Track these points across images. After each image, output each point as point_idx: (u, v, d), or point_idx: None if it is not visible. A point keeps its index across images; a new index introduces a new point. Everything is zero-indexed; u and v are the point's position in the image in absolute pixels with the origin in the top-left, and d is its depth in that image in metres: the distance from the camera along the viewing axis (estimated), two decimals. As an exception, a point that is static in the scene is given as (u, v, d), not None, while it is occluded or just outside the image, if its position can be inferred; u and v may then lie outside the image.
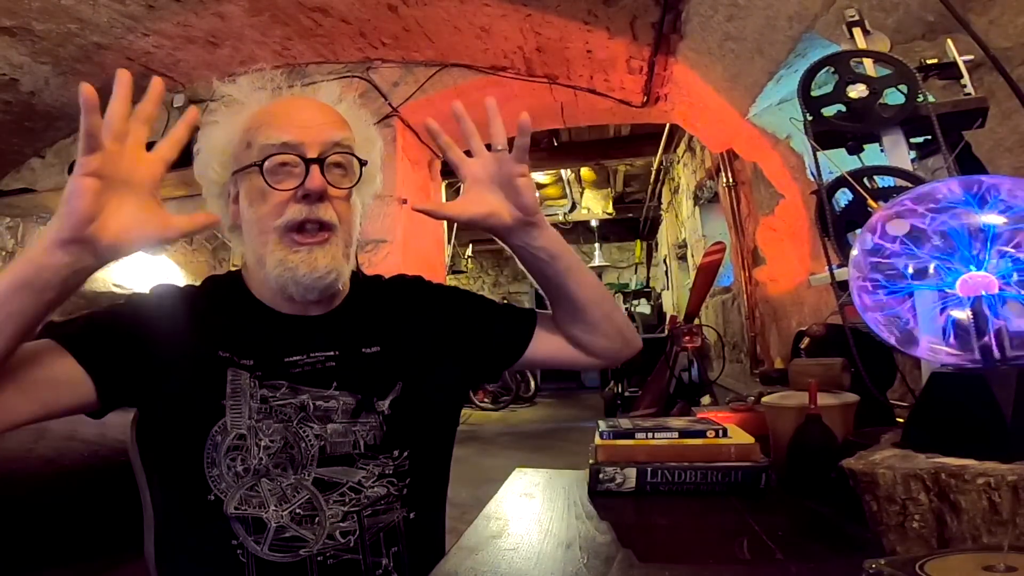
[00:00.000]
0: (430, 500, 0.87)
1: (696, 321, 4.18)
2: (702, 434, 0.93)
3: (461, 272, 9.99)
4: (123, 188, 0.63)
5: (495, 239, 0.87)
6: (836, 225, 0.90)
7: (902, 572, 0.42)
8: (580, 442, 1.03)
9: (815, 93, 0.96)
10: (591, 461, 0.93)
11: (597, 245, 9.97)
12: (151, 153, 0.66)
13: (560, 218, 7.81)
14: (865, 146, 0.96)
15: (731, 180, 3.87)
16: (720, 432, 0.93)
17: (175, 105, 3.32)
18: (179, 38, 2.89)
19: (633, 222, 9.36)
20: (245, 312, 0.84)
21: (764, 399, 1.06)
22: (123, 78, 0.62)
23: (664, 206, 7.61)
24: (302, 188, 0.77)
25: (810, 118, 0.95)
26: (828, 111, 0.96)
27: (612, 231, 10.07)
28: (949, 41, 0.99)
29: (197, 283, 0.89)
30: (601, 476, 0.90)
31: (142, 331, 0.77)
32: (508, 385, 7.57)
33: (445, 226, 4.32)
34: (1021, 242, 0.60)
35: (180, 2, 2.63)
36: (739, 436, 0.94)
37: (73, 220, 0.60)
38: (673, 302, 7.44)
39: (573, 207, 7.84)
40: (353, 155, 0.83)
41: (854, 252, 0.70)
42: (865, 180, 0.91)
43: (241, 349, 0.79)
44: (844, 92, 0.95)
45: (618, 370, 6.63)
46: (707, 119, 3.21)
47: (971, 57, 0.97)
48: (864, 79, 0.95)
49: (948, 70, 0.97)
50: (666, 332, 5.42)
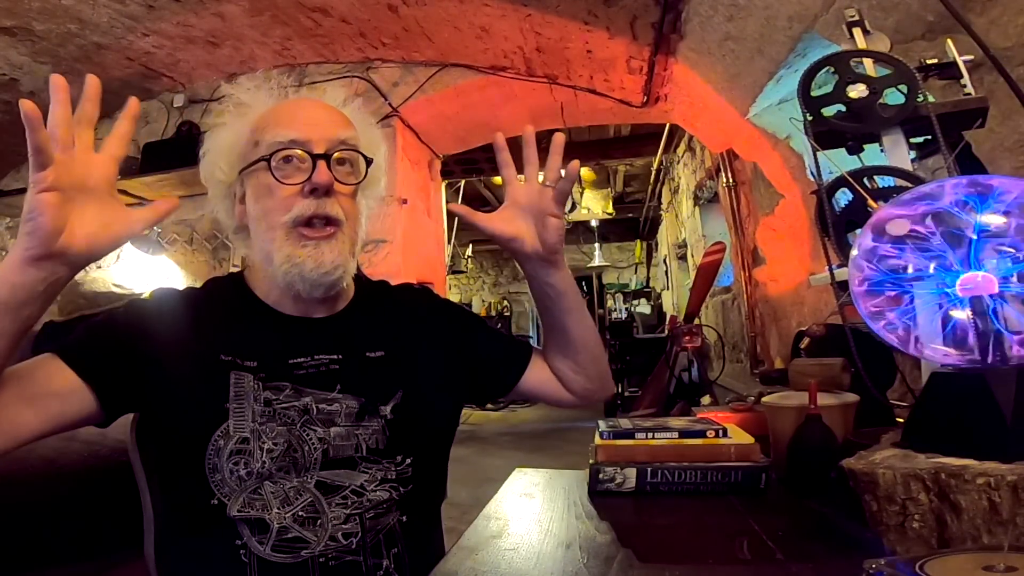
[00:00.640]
0: (427, 504, 0.87)
1: (696, 321, 4.18)
2: (702, 434, 0.93)
3: (461, 272, 9.96)
4: (81, 195, 0.63)
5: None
6: (836, 225, 0.90)
7: (902, 572, 0.42)
8: (580, 442, 1.03)
9: (815, 93, 0.96)
10: (591, 461, 0.93)
11: (597, 245, 9.96)
12: (100, 154, 0.65)
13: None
14: (865, 146, 0.96)
15: (731, 180, 3.86)
16: (720, 432, 0.93)
17: (175, 105, 3.32)
18: (179, 38, 2.89)
19: (633, 222, 9.36)
20: (249, 314, 0.84)
21: (764, 399, 1.06)
22: (58, 83, 0.61)
23: (664, 206, 7.61)
24: (309, 183, 0.78)
25: (810, 118, 0.95)
26: (828, 111, 0.96)
27: (612, 231, 10.07)
28: (949, 41, 0.99)
29: (198, 284, 0.89)
30: (601, 476, 0.90)
31: (142, 338, 0.77)
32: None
33: (445, 226, 4.32)
34: (1021, 242, 0.60)
35: (180, 2, 2.63)
36: (739, 436, 0.94)
37: (40, 236, 0.60)
38: (673, 302, 7.44)
39: (573, 207, 7.83)
40: (359, 152, 0.84)
41: (854, 252, 0.70)
42: (865, 180, 0.91)
43: (244, 351, 0.79)
44: (844, 92, 0.95)
45: (618, 370, 6.63)
46: (707, 119, 3.21)
47: (971, 57, 0.97)
48: (864, 79, 0.95)
49: (948, 70, 0.97)
50: (666, 332, 5.43)
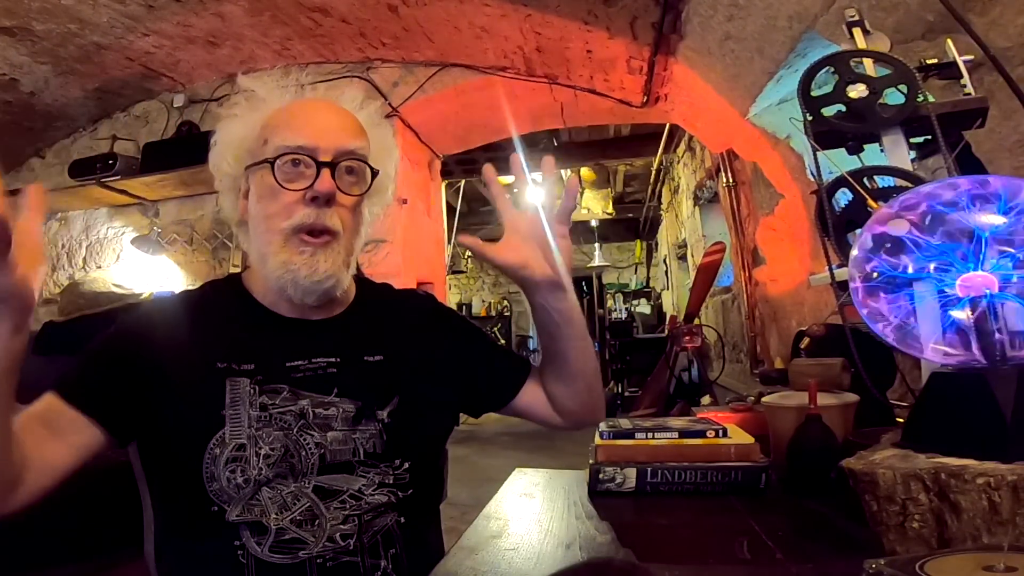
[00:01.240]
0: (426, 506, 0.87)
1: (696, 321, 4.18)
2: (702, 434, 0.93)
3: (461, 272, 9.96)
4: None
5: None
6: (836, 225, 0.90)
7: (902, 572, 0.42)
8: (580, 442, 1.03)
9: (815, 93, 0.96)
10: (591, 461, 0.93)
11: (597, 245, 9.93)
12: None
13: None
14: (865, 146, 0.96)
15: (731, 180, 3.86)
16: (720, 432, 0.93)
17: (175, 105, 3.31)
18: (179, 38, 2.89)
19: (633, 222, 9.36)
20: (246, 316, 0.84)
21: (764, 399, 1.06)
22: None
23: (664, 206, 7.61)
24: (311, 190, 0.77)
25: (810, 118, 0.95)
26: (828, 111, 0.96)
27: (612, 231, 10.06)
28: (949, 41, 0.99)
29: (198, 283, 0.88)
30: (601, 476, 0.90)
31: (137, 355, 0.76)
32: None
33: (445, 226, 4.32)
34: (1021, 242, 0.60)
35: (180, 2, 2.62)
36: (739, 436, 0.94)
37: None
38: (673, 302, 7.43)
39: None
40: (366, 163, 0.83)
41: (854, 252, 0.70)
42: (865, 180, 0.91)
43: (241, 355, 0.78)
44: (844, 92, 0.95)
45: (618, 370, 6.64)
46: (707, 119, 3.21)
47: (971, 57, 0.97)
48: (864, 79, 0.94)
49: (948, 70, 0.97)
50: (666, 332, 5.43)
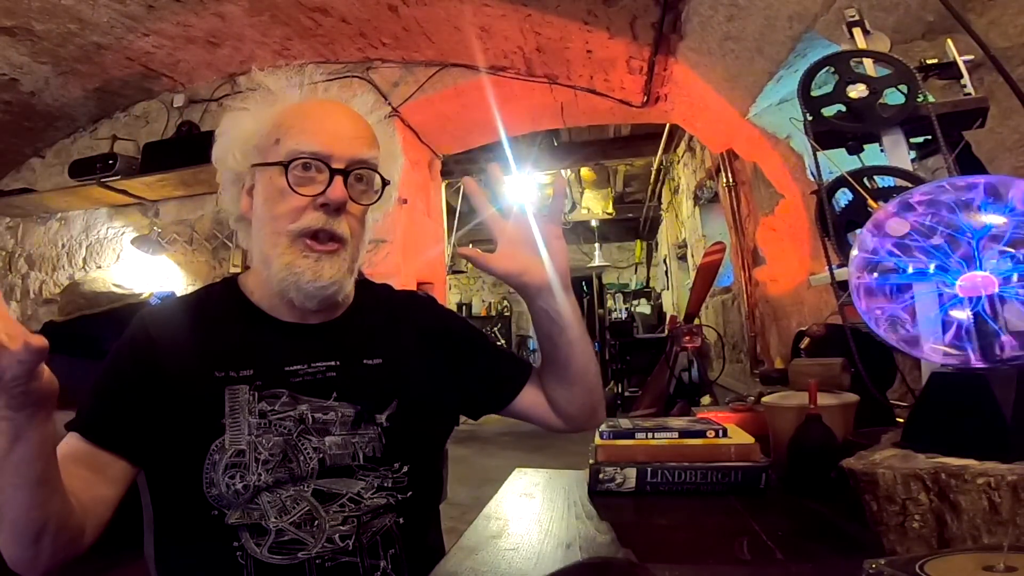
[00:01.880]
0: (425, 507, 0.87)
1: (696, 321, 4.18)
2: (702, 434, 0.93)
3: (461, 272, 9.95)
4: None
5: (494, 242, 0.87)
6: (836, 225, 0.90)
7: (902, 572, 0.42)
8: (580, 442, 1.03)
9: (815, 93, 0.96)
10: (591, 461, 0.93)
11: (597, 245, 9.93)
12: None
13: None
14: (865, 146, 0.96)
15: (731, 180, 3.86)
16: (720, 432, 0.93)
17: (175, 105, 3.31)
18: (179, 38, 2.89)
19: (633, 222, 9.35)
20: (244, 320, 0.83)
21: (764, 399, 1.06)
22: None
23: (664, 206, 7.61)
24: (323, 196, 0.77)
25: (810, 118, 0.95)
26: (828, 111, 0.96)
27: (612, 231, 10.06)
28: (949, 41, 0.99)
29: (198, 284, 0.88)
30: (601, 476, 0.90)
31: (141, 378, 0.76)
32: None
33: (445, 226, 4.32)
34: (1021, 242, 0.60)
35: (180, 2, 2.63)
36: (739, 436, 0.94)
37: None
38: (673, 302, 7.44)
39: (573, 207, 7.83)
40: (378, 173, 0.83)
41: (854, 252, 0.70)
42: (865, 180, 0.91)
43: (239, 361, 0.78)
44: (844, 92, 0.95)
45: (618, 370, 6.63)
46: (707, 119, 3.21)
47: (971, 57, 0.97)
48: (864, 79, 0.94)
49: (948, 70, 0.97)
50: (666, 332, 5.43)
